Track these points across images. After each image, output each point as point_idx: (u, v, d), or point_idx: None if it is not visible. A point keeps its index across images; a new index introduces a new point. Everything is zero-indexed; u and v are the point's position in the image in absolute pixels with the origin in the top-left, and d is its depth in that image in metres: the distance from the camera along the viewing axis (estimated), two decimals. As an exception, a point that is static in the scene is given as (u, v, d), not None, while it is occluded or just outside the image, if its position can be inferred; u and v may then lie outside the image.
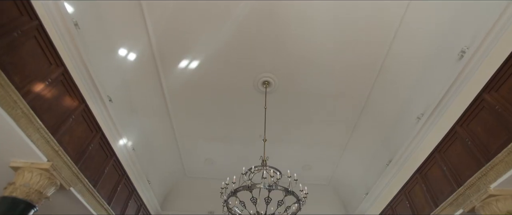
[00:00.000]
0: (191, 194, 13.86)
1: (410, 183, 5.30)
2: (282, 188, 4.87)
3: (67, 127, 3.65)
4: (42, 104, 3.21)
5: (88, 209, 4.09)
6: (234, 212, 5.49)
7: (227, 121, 10.66)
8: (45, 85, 3.23)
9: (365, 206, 12.33)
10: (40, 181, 3.06)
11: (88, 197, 4.04)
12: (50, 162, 3.17)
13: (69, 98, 3.70)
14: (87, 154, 4.12)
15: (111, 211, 4.75)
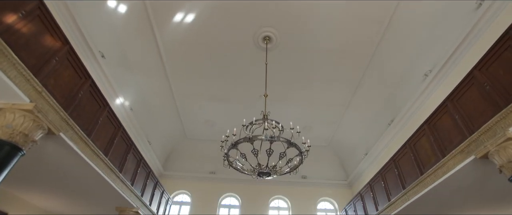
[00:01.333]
0: (192, 155, 14.01)
1: (416, 136, 5.14)
2: (284, 139, 4.69)
3: (51, 69, 3.33)
4: (17, 39, 2.85)
5: (84, 159, 3.93)
6: (235, 166, 5.39)
7: (227, 80, 10.32)
8: (18, 17, 2.84)
9: (363, 166, 12.51)
10: (24, 123, 2.82)
11: (82, 146, 3.85)
12: (33, 103, 2.90)
13: (50, 37, 3.33)
14: (77, 102, 3.85)
15: (109, 163, 4.62)
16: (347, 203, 8.82)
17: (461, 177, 4.08)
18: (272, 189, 13.51)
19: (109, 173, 4.65)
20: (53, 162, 4.17)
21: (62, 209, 6.23)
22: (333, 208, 13.55)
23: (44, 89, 3.06)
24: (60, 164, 4.21)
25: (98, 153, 4.25)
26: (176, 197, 13.29)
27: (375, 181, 6.75)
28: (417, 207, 5.38)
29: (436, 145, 4.54)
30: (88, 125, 4.16)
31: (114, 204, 5.71)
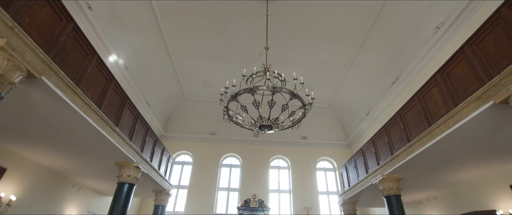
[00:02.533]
0: (192, 117, 13.92)
1: (426, 87, 4.86)
2: (287, 90, 4.41)
3: (24, 5, 2.92)
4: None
5: (74, 108, 3.69)
6: (235, 120, 5.19)
7: (225, 38, 9.76)
8: None
9: (364, 126, 12.48)
10: (-2, 62, 2.51)
11: (70, 94, 3.58)
12: (5, 39, 2.55)
13: (19, -34, 2.85)
14: (60, 46, 3.49)
15: (103, 115, 4.40)
16: (348, 160, 8.86)
17: (473, 126, 3.89)
18: (272, 149, 13.67)
19: (103, 126, 4.45)
20: (44, 114, 3.94)
21: (62, 165, 6.19)
22: (332, 167, 13.83)
23: (16, 24, 2.69)
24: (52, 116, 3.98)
25: (89, 104, 4.00)
26: (178, 158, 13.48)
27: (378, 137, 6.65)
28: (419, 161, 5.30)
29: (448, 95, 4.28)
30: (75, 74, 3.84)
31: (114, 159, 5.64)
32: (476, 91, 3.63)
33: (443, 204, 7.53)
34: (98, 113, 4.25)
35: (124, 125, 5.39)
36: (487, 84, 3.43)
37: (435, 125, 4.36)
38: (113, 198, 5.51)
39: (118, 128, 4.98)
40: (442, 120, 4.22)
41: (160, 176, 7.37)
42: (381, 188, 6.06)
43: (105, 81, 4.68)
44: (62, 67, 3.49)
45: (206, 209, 11.80)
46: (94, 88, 4.33)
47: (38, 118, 4.11)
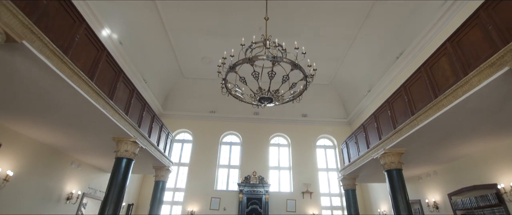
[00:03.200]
0: (191, 95, 13.72)
1: (435, 57, 4.63)
2: (288, 60, 4.18)
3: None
4: None
5: (61, 77, 3.48)
6: (234, 93, 5.01)
7: (223, 10, 9.34)
8: None
9: (365, 104, 12.32)
10: (-30, 21, 2.27)
11: (57, 62, 3.37)
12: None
13: None
14: (42, 9, 3.23)
15: (96, 87, 4.21)
16: (348, 136, 8.78)
17: (483, 95, 3.71)
18: (272, 126, 13.61)
19: (97, 98, 4.27)
20: (33, 86, 3.75)
21: (58, 141, 6.09)
22: (332, 144, 13.84)
23: (-12, -20, 2.42)
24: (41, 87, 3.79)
25: (79, 74, 3.79)
26: (178, 136, 13.45)
27: (381, 111, 6.49)
28: (422, 135, 5.18)
29: (458, 64, 4.07)
30: (62, 41, 3.60)
31: (111, 134, 5.52)
32: (489, 58, 3.42)
33: (443, 179, 7.53)
34: (90, 85, 4.05)
35: (119, 99, 5.21)
36: (502, 49, 3.21)
37: (443, 95, 4.18)
38: (111, 173, 5.46)
39: (112, 101, 4.80)
40: (451, 91, 4.04)
41: (159, 152, 7.31)
42: (383, 163, 6.00)
43: (96, 51, 4.43)
44: (47, 33, 3.24)
45: (207, 186, 11.93)
46: (84, 59, 4.10)
47: (28, 91, 3.92)
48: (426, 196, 8.03)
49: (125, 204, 10.36)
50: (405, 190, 5.64)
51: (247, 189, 11.30)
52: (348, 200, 8.28)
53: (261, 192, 11.29)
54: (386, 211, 10.37)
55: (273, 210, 11.45)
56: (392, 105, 5.98)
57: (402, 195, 5.57)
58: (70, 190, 7.32)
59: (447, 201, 7.28)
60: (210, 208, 11.42)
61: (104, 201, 5.17)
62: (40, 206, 6.37)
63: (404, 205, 5.48)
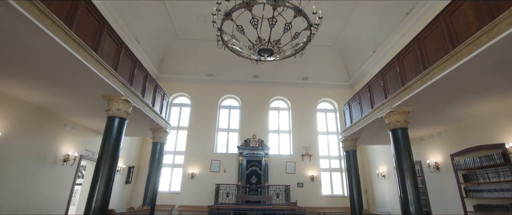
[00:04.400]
0: (188, 57, 13.13)
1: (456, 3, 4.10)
2: (290, 5, 3.67)
3: None
4: None
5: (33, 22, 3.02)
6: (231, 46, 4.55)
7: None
8: None
9: (369, 65, 11.82)
10: None
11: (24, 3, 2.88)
12: None
13: None
14: None
15: (75, 36, 3.75)
16: (351, 97, 8.46)
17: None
18: (272, 90, 13.26)
19: (77, 49, 3.84)
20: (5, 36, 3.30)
21: (46, 101, 5.75)
22: (332, 108, 13.61)
23: None
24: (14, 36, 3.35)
25: (53, 19, 3.32)
26: (176, 100, 13.16)
27: (389, 68, 6.09)
28: (433, 91, 4.84)
29: (484, 8, 3.58)
30: (28, -22, 3.07)
31: (100, 92, 5.17)
32: (525, -3, 2.94)
33: (446, 140, 7.38)
34: (67, 32, 3.59)
35: (105, 53, 4.77)
36: (545, -17, 2.72)
37: (463, 44, 3.75)
38: (104, 133, 5.21)
39: (97, 55, 4.37)
40: (473, 38, 3.60)
41: (155, 113, 7.04)
42: (388, 122, 5.75)
43: (73, -5, 3.89)
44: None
45: (206, 149, 11.93)
46: (57, 3, 3.58)
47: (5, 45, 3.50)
48: (427, 157, 7.96)
49: (125, 166, 10.41)
50: (409, 150, 5.46)
51: (247, 152, 11.30)
52: (348, 162, 8.23)
53: (261, 155, 11.30)
54: (384, 173, 10.47)
55: (273, 171, 11.57)
56: (402, 61, 5.56)
57: (406, 155, 5.40)
58: (66, 152, 7.18)
59: (449, 162, 7.20)
60: (211, 170, 11.53)
61: (98, 162, 4.99)
62: (35, 167, 6.26)
63: (408, 165, 5.33)
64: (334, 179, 12.16)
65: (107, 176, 4.93)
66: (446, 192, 7.29)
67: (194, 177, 11.41)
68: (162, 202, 10.97)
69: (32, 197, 6.18)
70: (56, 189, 6.97)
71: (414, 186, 5.17)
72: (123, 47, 5.34)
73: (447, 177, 7.26)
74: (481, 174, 6.32)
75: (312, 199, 11.20)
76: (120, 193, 10.16)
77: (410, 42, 5.24)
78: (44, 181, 6.54)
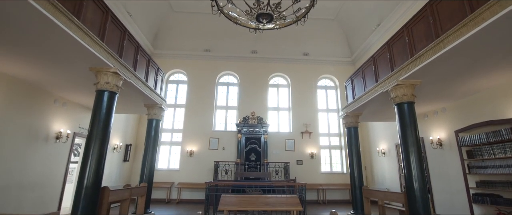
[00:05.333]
0: (183, 32, 12.53)
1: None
2: (293, -39, 3.23)
3: None
4: None
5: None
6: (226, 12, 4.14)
7: None
8: None
9: (372, 40, 11.33)
10: None
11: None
12: None
13: None
14: None
15: None
16: (354, 72, 8.11)
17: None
18: (271, 66, 12.84)
19: (54, 12, 3.43)
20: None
21: (31, 74, 5.40)
22: (333, 85, 13.27)
23: None
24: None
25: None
26: (172, 77, 12.76)
27: (396, 39, 5.69)
28: (444, 62, 4.51)
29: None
30: None
31: (87, 64, 4.81)
32: None
33: (451, 116, 7.14)
34: (40, -8, 3.18)
35: (89, 20, 4.35)
36: None
37: (485, 6, 3.37)
38: (93, 107, 4.91)
39: (80, 21, 3.97)
40: None
41: (148, 89, 6.71)
42: (393, 96, 5.46)
43: (46, -49, 3.42)
44: None
45: (204, 127, 11.73)
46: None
47: None
48: (430, 134, 7.76)
49: (122, 144, 10.25)
50: (415, 125, 5.22)
51: (246, 129, 11.11)
52: (349, 138, 8.04)
53: (260, 132, 11.13)
54: (384, 150, 10.36)
55: (272, 149, 11.46)
56: (411, 30, 5.16)
57: (411, 130, 5.17)
58: (57, 129, 6.94)
59: (453, 138, 7.01)
60: (209, 148, 11.41)
61: (88, 139, 4.74)
62: (26, 145, 6.03)
63: (413, 140, 5.11)
64: (334, 156, 12.09)
65: (98, 153, 4.69)
66: (448, 168, 7.16)
67: (192, 155, 11.31)
68: (161, 180, 10.96)
69: (25, 175, 6.01)
70: (50, 167, 6.80)
71: (418, 162, 4.98)
72: (109, 15, 4.91)
73: (450, 154, 7.10)
74: (487, 150, 6.14)
75: (311, 176, 11.19)
76: (118, 171, 10.08)
77: (422, 8, 4.81)
78: (37, 159, 6.35)
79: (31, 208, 6.20)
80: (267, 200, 4.97)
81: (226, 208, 4.71)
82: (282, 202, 4.84)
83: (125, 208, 5.83)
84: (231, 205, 4.82)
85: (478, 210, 6.31)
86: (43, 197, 6.63)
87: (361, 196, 7.37)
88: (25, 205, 6.02)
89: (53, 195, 6.95)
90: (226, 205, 4.78)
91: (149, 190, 7.21)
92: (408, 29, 5.23)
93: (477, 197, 6.29)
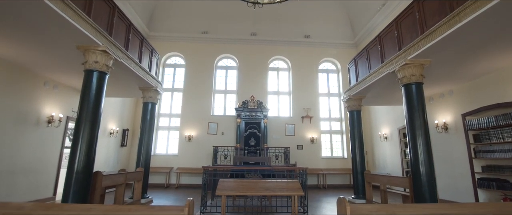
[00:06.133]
0: (180, 13, 12.01)
1: None
2: None
3: None
4: None
5: None
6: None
7: None
8: None
9: (377, 21, 10.84)
10: None
11: None
12: None
13: None
14: None
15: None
16: (358, 53, 7.75)
17: None
18: (271, 49, 12.42)
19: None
20: None
21: (16, 55, 5.08)
22: (335, 68, 12.91)
23: None
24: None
25: None
26: (169, 60, 12.38)
27: (404, 16, 5.33)
28: (458, 39, 4.19)
29: None
30: None
31: (73, 42, 4.48)
32: None
33: (458, 99, 6.87)
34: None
35: (72, -8, 3.98)
36: None
37: (511, -28, 3.01)
38: (82, 88, 4.63)
39: (61, -7, 3.61)
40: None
41: (142, 70, 6.39)
42: (401, 76, 5.16)
43: None
44: None
45: (203, 111, 11.48)
46: None
47: None
48: (436, 117, 7.51)
49: (119, 129, 10.03)
50: (423, 107, 4.96)
51: (245, 114, 10.87)
52: (351, 122, 7.80)
53: (260, 117, 10.89)
54: (387, 134, 10.16)
55: (272, 134, 11.27)
56: (422, 4, 4.78)
57: (419, 112, 4.91)
58: (49, 113, 6.67)
59: (460, 122, 6.77)
60: (208, 133, 11.21)
61: (77, 121, 4.48)
62: (16, 128, 5.78)
63: (420, 123, 4.86)
64: (334, 141, 11.92)
65: (89, 136, 4.45)
66: (453, 153, 6.97)
67: (191, 140, 11.13)
68: (160, 165, 10.83)
69: (16, 160, 5.80)
70: (43, 152, 6.59)
71: (426, 146, 4.76)
72: (96, -12, 4.52)
73: (456, 138, 6.88)
74: (495, 134, 5.91)
75: (311, 161, 11.06)
76: (116, 156, 9.92)
77: (435, -21, 4.42)
78: (28, 143, 6.12)
79: (25, 194, 6.04)
80: (267, 185, 4.78)
81: (224, 193, 4.52)
82: (282, 187, 4.65)
83: (120, 193, 5.67)
84: (229, 190, 4.64)
85: (483, 194, 6.16)
86: (38, 182, 6.46)
87: (363, 181, 7.22)
88: (18, 191, 5.85)
89: (48, 180, 6.78)
90: (224, 190, 4.59)
91: (146, 175, 7.05)
92: (419, 3, 4.85)
93: (483, 182, 6.12)
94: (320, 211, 6.11)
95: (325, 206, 6.71)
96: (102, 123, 9.10)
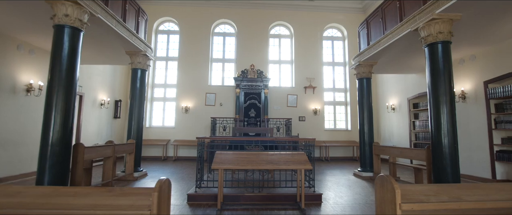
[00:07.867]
0: (171, -28, 10.91)
1: None
2: None
3: None
4: None
5: None
6: None
7: None
8: None
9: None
10: None
11: None
12: None
13: None
14: None
15: None
16: (369, 14, 6.90)
17: None
18: (272, 14, 11.42)
19: None
20: None
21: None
22: (341, 35, 12.01)
23: None
24: None
25: None
26: (162, 26, 11.43)
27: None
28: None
29: None
30: None
31: (37, -8, 3.72)
32: None
33: (481, 65, 6.20)
34: None
35: None
36: None
37: None
38: (52, 48, 3.92)
39: None
40: None
41: (127, 31, 5.61)
42: (425, 34, 4.44)
43: None
44: None
45: (200, 81, 10.80)
46: None
47: None
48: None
49: (110, 99, 9.43)
50: (450, 70, 4.31)
51: (245, 84, 10.21)
52: (361, 91, 7.17)
53: (260, 87, 10.24)
54: (395, 105, 9.60)
55: (273, 105, 10.70)
56: None
57: (445, 76, 4.27)
58: (26, 80, 6.01)
59: (481, 90, 6.15)
60: (206, 104, 10.63)
61: (48, 86, 3.83)
62: (-13, 97, 5.16)
63: (445, 89, 4.24)
64: (338, 112, 11.39)
65: (64, 104, 3.84)
66: (469, 123, 6.44)
67: (188, 111, 10.58)
68: (156, 137, 10.40)
69: (-8, 131, 5.25)
70: (23, 123, 6.03)
71: (450, 115, 4.20)
72: None
73: (475, 107, 6.31)
74: (522, 102, 5.33)
75: (314, 133, 10.61)
76: (109, 128, 9.42)
77: None
78: (3, 113, 5.54)
79: (6, 168, 5.57)
80: (269, 157, 4.27)
81: (221, 166, 4.02)
82: (287, 160, 4.15)
83: (108, 166, 5.19)
84: (227, 163, 4.14)
85: (501, 168, 5.73)
86: (20, 155, 5.98)
87: (371, 153, 6.77)
88: (-2, 165, 5.38)
89: (33, 153, 6.29)
90: (221, 164, 4.09)
91: (139, 147, 6.56)
92: None
93: (502, 154, 5.65)
94: (325, 185, 5.71)
95: (330, 179, 6.32)
96: (92, 94, 8.51)
